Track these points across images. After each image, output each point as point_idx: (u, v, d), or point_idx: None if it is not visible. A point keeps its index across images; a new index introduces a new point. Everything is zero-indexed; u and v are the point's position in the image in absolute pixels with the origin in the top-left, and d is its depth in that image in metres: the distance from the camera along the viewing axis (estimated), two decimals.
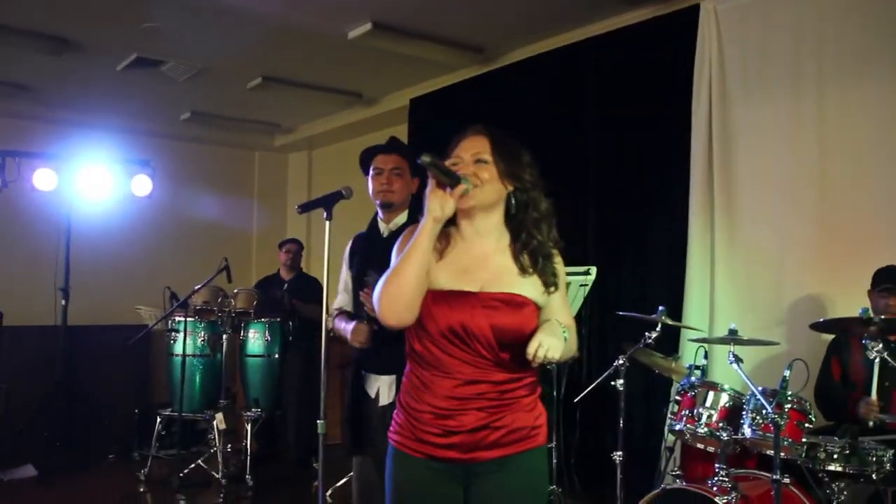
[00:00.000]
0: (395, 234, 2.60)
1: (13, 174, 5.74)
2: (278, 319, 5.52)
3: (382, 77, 6.37)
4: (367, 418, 2.93)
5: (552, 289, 1.95)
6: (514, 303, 1.90)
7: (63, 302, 5.70)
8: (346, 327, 2.89)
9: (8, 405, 5.56)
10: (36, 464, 5.38)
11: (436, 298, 1.90)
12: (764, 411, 2.97)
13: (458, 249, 1.97)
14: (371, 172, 2.99)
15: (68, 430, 5.65)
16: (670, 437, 3.74)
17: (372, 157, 3.01)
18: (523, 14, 5.07)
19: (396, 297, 1.86)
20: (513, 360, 1.89)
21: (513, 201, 1.96)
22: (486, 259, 1.95)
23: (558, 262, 2.00)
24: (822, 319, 3.47)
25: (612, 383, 3.51)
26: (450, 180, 1.88)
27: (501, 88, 5.75)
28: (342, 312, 3.03)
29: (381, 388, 2.90)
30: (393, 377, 2.84)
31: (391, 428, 2.00)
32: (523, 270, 1.94)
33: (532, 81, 5.53)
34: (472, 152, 1.94)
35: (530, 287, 1.93)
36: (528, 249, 1.95)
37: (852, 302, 3.54)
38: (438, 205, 1.87)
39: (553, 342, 1.80)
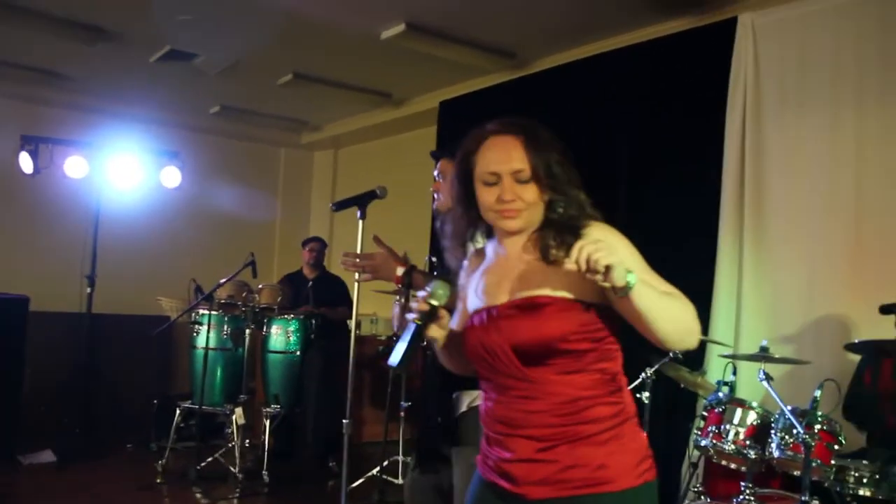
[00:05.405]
0: None
1: (45, 161, 5.80)
2: (302, 317, 5.53)
3: (413, 78, 6.37)
4: None
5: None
6: (535, 305, 1.60)
7: (89, 289, 5.72)
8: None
9: (31, 389, 5.60)
10: (55, 449, 5.43)
11: (468, 323, 1.72)
12: (794, 431, 2.94)
13: (493, 260, 1.76)
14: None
15: (88, 417, 5.70)
16: (695, 453, 3.71)
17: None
18: (558, 21, 5.05)
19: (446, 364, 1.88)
20: (562, 378, 1.60)
21: (558, 210, 1.68)
22: (516, 262, 1.69)
23: (589, 231, 1.61)
24: (857, 341, 3.42)
25: (638, 395, 3.50)
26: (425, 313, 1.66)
27: (532, 94, 5.72)
28: None
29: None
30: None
31: None
32: (548, 260, 1.62)
33: (563, 89, 5.49)
34: (510, 167, 1.65)
35: (561, 281, 1.59)
36: (551, 236, 1.64)
37: (883, 323, 3.49)
38: (435, 332, 1.69)
39: (611, 250, 1.43)
